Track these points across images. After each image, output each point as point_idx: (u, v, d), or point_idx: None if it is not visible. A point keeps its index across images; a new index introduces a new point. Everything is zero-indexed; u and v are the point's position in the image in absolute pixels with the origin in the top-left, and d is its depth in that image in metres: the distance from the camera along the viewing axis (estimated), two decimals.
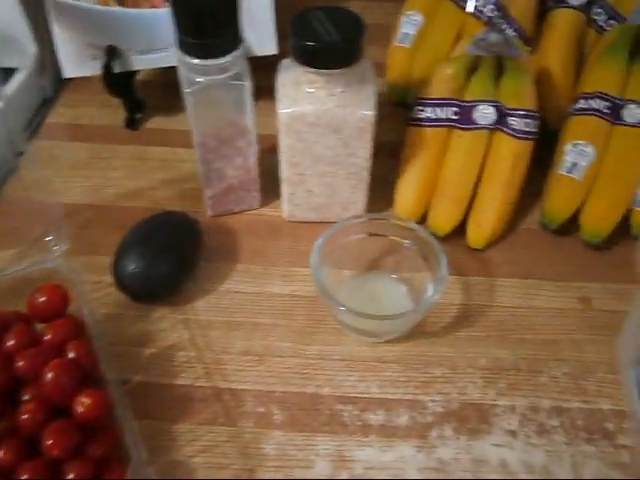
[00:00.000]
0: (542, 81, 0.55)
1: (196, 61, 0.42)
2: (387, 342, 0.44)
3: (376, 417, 0.41)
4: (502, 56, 0.49)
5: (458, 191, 0.49)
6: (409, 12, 0.60)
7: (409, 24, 0.60)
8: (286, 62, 0.46)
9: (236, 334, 0.45)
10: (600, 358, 0.44)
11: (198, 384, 0.42)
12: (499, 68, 0.50)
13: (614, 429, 0.40)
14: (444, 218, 0.49)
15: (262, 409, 0.41)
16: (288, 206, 0.51)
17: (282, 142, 0.46)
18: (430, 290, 0.43)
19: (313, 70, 0.43)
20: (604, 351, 0.44)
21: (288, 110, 0.44)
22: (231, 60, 0.42)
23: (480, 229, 0.49)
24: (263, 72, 0.47)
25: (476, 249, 0.50)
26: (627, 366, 0.42)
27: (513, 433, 0.40)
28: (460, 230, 0.50)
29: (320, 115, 0.44)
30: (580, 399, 0.42)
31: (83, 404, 0.36)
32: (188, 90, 0.43)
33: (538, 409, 0.41)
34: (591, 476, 0.38)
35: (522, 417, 0.41)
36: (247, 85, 0.44)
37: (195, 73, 0.43)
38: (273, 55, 0.56)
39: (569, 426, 0.40)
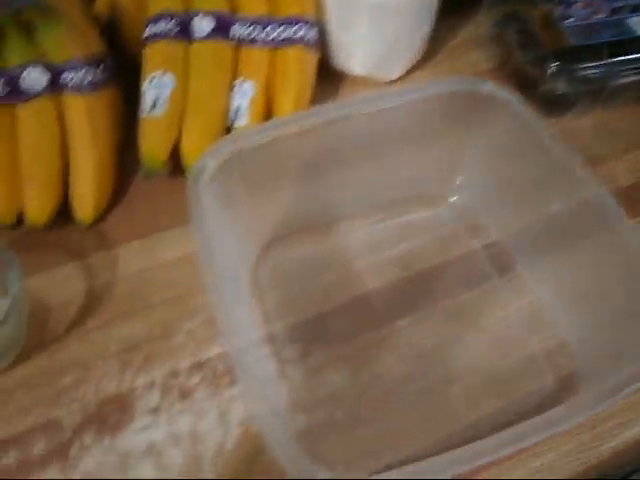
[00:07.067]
0: (115, 11, 0.49)
1: None
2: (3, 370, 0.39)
3: (7, 459, 0.36)
4: (23, 10, 0.43)
5: (42, 173, 0.43)
6: None
7: None
8: None
9: None
10: None
11: None
12: (28, 25, 0.43)
13: None
14: (34, 207, 0.44)
15: None
16: None
17: None
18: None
19: None
20: None
21: None
22: None
23: (83, 202, 0.44)
24: None
25: (89, 225, 0.45)
26: None
27: (156, 410, 0.38)
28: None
29: None
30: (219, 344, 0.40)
31: None
32: None
33: (177, 373, 0.39)
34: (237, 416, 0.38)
35: (163, 388, 0.38)
36: None
37: None
38: None
39: (211, 376, 0.39)
